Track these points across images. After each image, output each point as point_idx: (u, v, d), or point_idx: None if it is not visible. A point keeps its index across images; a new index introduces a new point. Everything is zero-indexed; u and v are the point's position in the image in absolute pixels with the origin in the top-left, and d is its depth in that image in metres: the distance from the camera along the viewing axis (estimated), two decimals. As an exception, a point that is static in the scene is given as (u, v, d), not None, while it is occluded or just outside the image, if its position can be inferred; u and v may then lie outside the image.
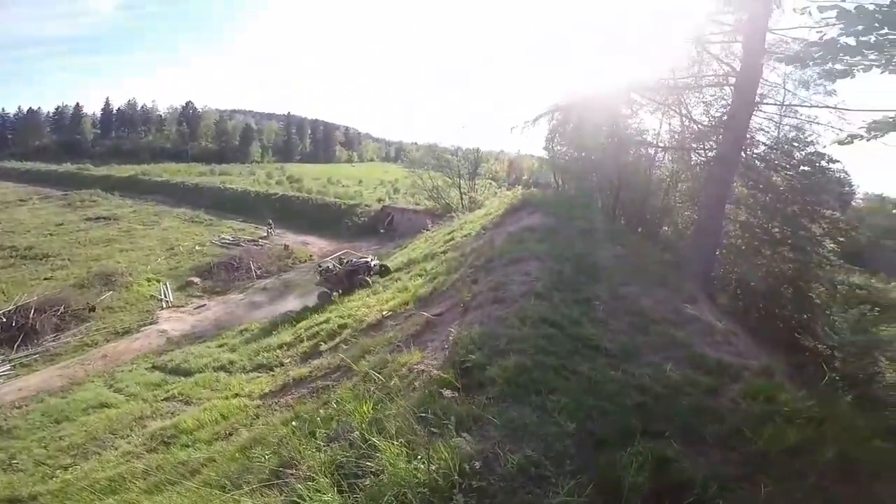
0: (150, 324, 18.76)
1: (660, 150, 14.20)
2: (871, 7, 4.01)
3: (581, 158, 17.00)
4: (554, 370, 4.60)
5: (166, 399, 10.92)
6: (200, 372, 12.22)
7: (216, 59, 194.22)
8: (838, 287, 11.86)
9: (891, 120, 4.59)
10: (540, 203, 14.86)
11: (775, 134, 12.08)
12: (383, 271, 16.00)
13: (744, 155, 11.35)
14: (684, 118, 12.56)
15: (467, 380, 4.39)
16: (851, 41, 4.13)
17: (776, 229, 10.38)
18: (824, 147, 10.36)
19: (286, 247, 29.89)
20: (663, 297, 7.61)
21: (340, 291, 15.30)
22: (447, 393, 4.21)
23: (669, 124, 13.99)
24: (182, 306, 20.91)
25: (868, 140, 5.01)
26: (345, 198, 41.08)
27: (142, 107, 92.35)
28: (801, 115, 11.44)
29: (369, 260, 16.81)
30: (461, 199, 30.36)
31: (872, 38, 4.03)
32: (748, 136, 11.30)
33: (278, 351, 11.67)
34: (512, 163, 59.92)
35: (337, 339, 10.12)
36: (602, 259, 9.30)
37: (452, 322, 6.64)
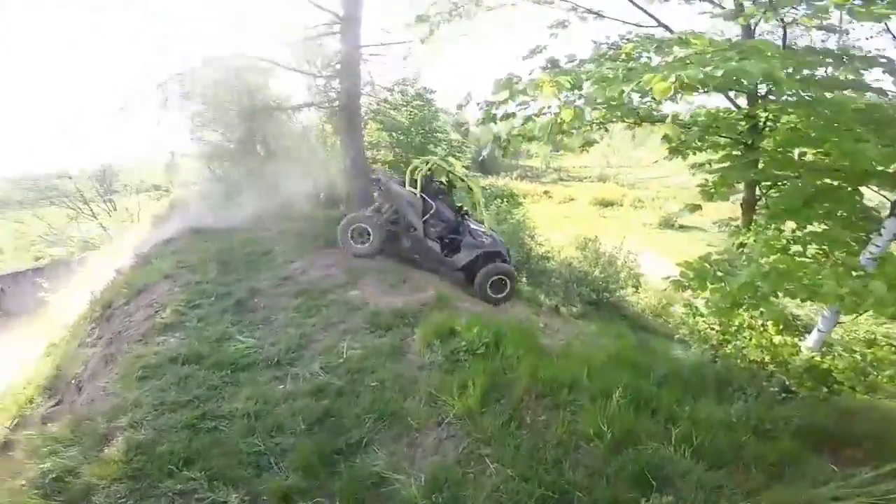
0: None
1: (301, 109, 13.48)
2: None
3: (225, 140, 14.86)
4: (191, 428, 3.30)
5: None
6: None
7: None
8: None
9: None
10: (187, 203, 12.48)
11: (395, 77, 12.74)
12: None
13: (371, 99, 11.72)
14: (314, 75, 11.98)
15: (65, 497, 2.88)
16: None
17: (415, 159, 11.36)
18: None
19: None
20: (334, 259, 7.07)
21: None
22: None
23: (305, 83, 13.19)
24: None
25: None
26: None
27: None
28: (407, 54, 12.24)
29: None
30: (105, 229, 23.05)
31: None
32: (371, 81, 11.62)
33: None
34: (169, 166, 49.79)
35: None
36: (263, 242, 8.11)
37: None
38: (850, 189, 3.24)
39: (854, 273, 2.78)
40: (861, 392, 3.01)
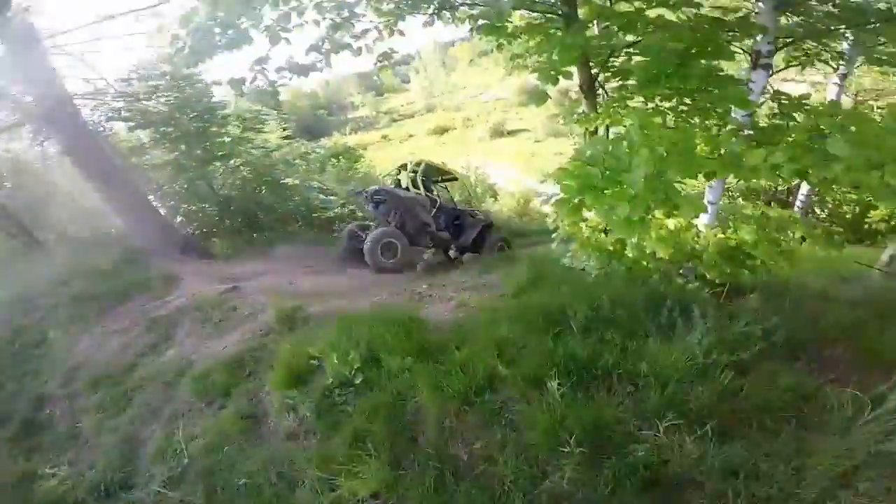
0: None
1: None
2: None
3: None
4: None
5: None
6: None
7: None
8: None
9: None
10: None
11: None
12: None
13: (105, 98, 8.87)
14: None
15: None
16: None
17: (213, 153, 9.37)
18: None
19: None
20: (132, 315, 5.19)
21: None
22: None
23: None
24: None
25: None
26: None
27: None
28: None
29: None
30: None
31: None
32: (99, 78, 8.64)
33: None
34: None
35: None
36: (33, 329, 5.76)
37: None
38: (718, 42, 2.78)
39: (740, 135, 2.37)
40: (783, 266, 2.77)
